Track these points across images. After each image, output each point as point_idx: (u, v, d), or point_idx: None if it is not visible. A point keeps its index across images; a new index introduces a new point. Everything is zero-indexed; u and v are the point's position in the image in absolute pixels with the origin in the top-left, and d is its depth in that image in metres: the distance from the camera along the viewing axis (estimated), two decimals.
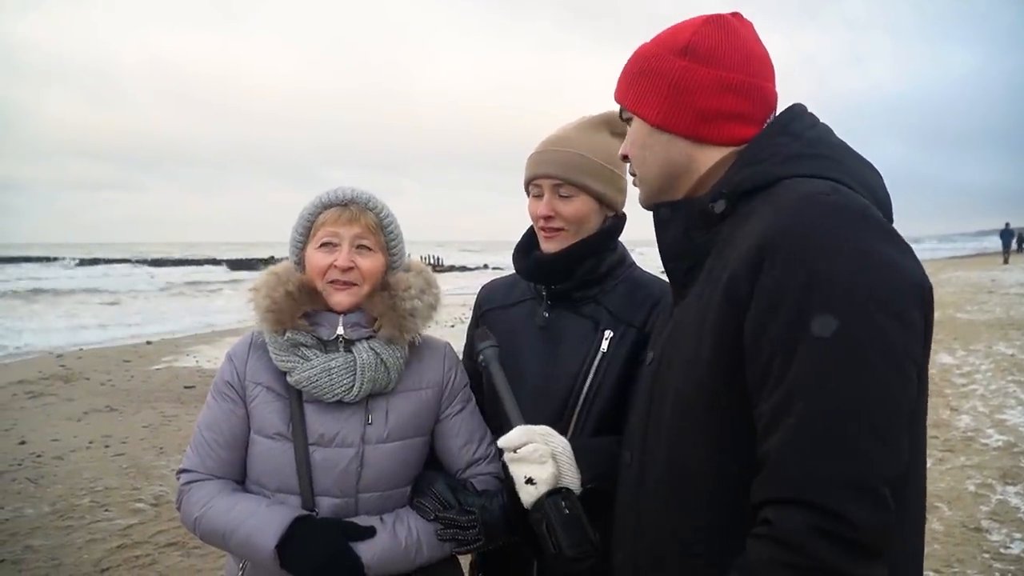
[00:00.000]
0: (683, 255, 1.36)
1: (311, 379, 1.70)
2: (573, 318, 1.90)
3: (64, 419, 8.11)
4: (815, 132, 1.32)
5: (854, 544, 1.00)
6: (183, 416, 8.20)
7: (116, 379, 10.45)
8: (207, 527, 1.70)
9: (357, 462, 1.73)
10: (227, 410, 1.77)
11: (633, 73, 1.40)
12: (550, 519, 1.55)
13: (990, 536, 4.68)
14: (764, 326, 1.10)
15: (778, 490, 1.06)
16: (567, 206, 1.86)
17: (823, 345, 1.05)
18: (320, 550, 1.62)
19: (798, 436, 1.05)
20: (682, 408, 1.25)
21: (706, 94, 1.31)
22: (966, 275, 27.89)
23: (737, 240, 1.21)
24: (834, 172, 1.23)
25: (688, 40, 1.33)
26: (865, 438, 1.02)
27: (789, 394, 1.06)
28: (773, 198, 1.21)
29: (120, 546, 4.76)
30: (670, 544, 1.28)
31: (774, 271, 1.10)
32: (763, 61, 1.36)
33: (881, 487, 1.02)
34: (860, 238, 1.10)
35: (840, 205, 1.14)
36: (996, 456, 6.24)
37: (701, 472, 1.23)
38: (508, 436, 1.63)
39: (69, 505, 5.44)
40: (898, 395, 1.06)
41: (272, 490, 1.73)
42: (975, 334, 12.69)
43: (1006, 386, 8.71)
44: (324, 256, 1.74)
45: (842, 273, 1.06)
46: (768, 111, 1.35)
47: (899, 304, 1.07)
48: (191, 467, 1.77)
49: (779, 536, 1.04)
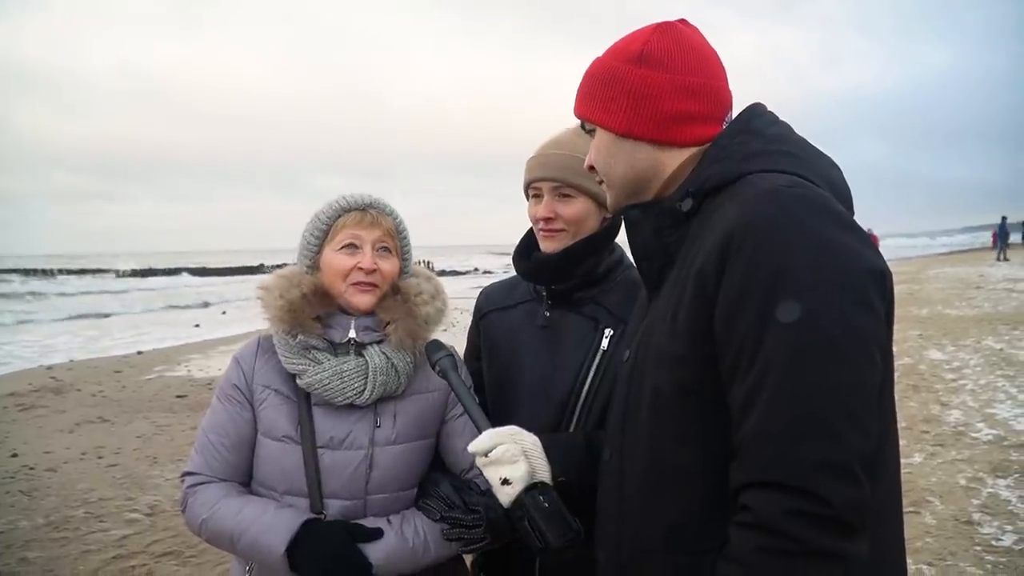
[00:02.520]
0: (655, 254, 1.40)
1: (323, 382, 1.71)
2: (573, 317, 1.94)
3: (56, 431, 8.05)
4: (775, 129, 1.36)
5: (832, 521, 1.04)
6: (176, 426, 8.16)
7: (107, 390, 10.38)
8: (214, 529, 1.69)
9: (366, 464, 1.75)
10: (234, 413, 1.78)
11: (591, 86, 1.44)
12: (531, 514, 1.57)
13: (981, 529, 4.73)
14: (733, 316, 1.14)
15: (754, 474, 1.10)
16: (567, 207, 1.91)
17: (790, 330, 1.08)
18: (329, 552, 1.63)
19: (770, 419, 1.09)
20: (659, 402, 1.28)
21: (666, 98, 1.35)
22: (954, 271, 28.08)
23: (704, 236, 1.25)
24: (795, 167, 1.27)
25: (641, 48, 1.38)
26: (835, 419, 1.06)
27: (759, 380, 1.10)
28: (737, 194, 1.25)
29: (116, 556, 4.74)
30: (654, 538, 1.30)
31: (740, 263, 1.14)
32: (715, 62, 1.40)
33: (854, 465, 1.05)
34: (821, 228, 1.14)
35: (801, 196, 1.18)
36: (986, 450, 6.30)
37: (680, 464, 1.26)
38: (477, 441, 1.64)
39: (63, 517, 5.42)
40: (865, 377, 1.10)
41: (280, 492, 1.74)
42: (964, 329, 12.78)
43: (995, 380, 8.78)
44: (347, 258, 1.76)
45: (806, 261, 1.11)
46: (725, 110, 1.40)
47: (861, 290, 1.12)
48: (196, 470, 1.76)
49: (758, 521, 1.08)
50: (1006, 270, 27.31)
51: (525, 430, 1.69)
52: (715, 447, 1.20)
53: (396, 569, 1.70)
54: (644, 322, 1.42)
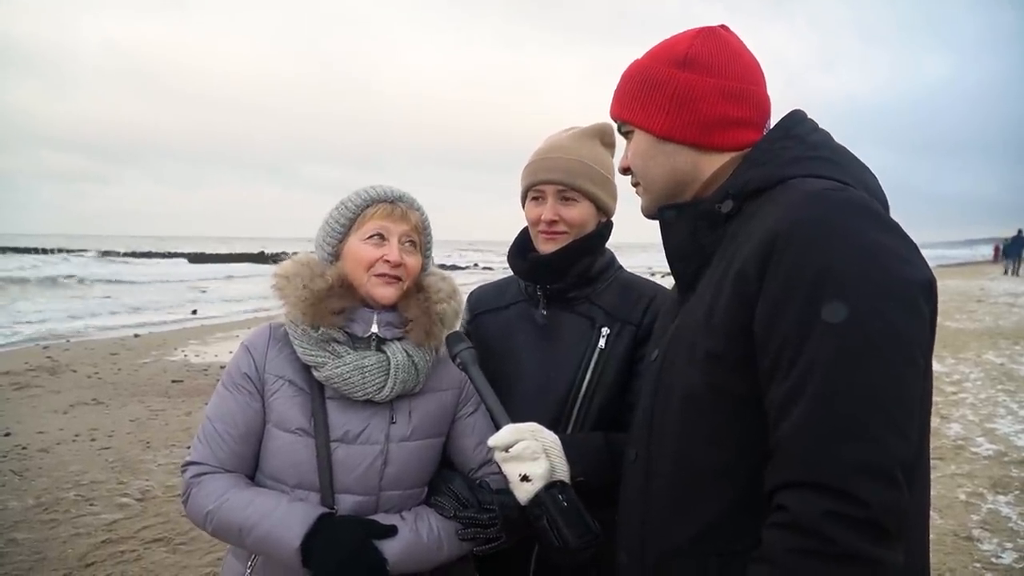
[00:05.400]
0: (691, 255, 1.40)
1: (343, 376, 1.68)
2: (570, 316, 1.97)
3: (50, 411, 8.01)
4: (817, 136, 1.37)
5: (871, 525, 1.02)
6: (170, 410, 8.12)
7: (103, 372, 10.34)
8: (223, 521, 1.63)
9: (382, 459, 1.71)
10: (243, 403, 1.72)
11: (631, 88, 1.45)
12: (550, 513, 1.57)
13: (981, 545, 4.69)
14: (775, 315, 1.12)
15: (792, 474, 1.08)
16: (570, 210, 1.95)
17: (835, 331, 1.07)
18: (345, 547, 1.58)
19: (811, 420, 1.07)
20: (690, 402, 1.28)
21: (708, 103, 1.36)
22: (954, 284, 28.06)
23: (743, 238, 1.24)
24: (837, 173, 1.27)
25: (686, 52, 1.39)
26: (877, 423, 1.04)
27: (801, 380, 1.08)
28: (779, 196, 1.25)
29: (105, 541, 4.69)
30: (680, 539, 1.29)
31: (785, 262, 1.13)
32: (755, 68, 1.42)
33: (895, 470, 1.03)
34: (869, 231, 1.13)
35: (847, 200, 1.17)
36: (986, 465, 6.26)
37: (712, 465, 1.25)
38: (498, 435, 1.66)
39: (54, 499, 5.37)
40: (909, 382, 1.08)
41: (291, 486, 1.69)
42: (964, 343, 12.75)
43: (996, 395, 8.74)
44: (373, 249, 1.72)
45: (853, 264, 1.09)
46: (765, 116, 1.41)
47: (908, 295, 1.10)
48: (201, 459, 1.70)
49: (795, 522, 1.06)
50: (1007, 284, 27.29)
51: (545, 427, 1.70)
52: (747, 447, 1.19)
53: (409, 567, 1.65)
54: (675, 322, 1.42)
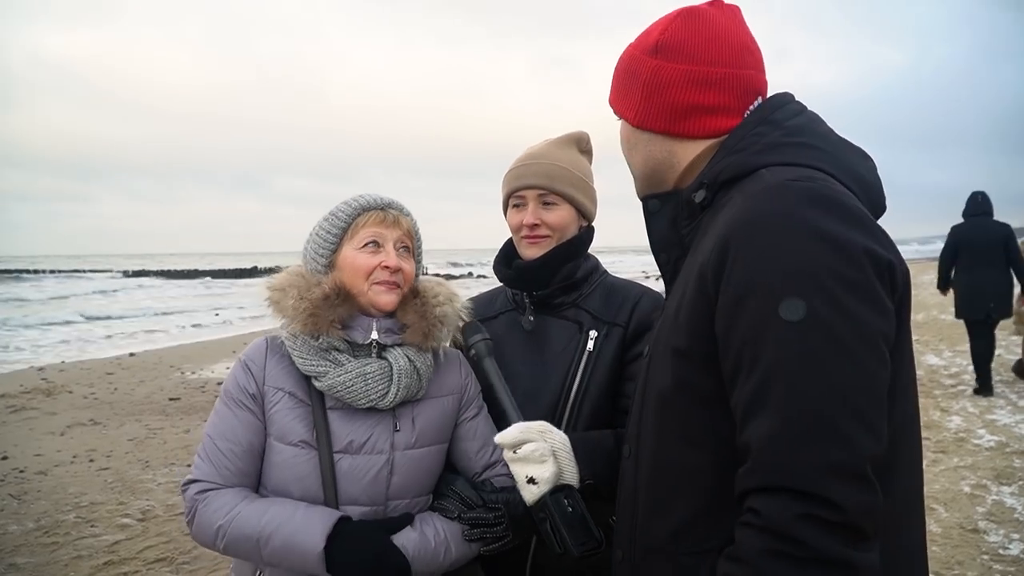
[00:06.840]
0: (670, 246, 1.39)
1: (345, 384, 1.65)
2: (557, 322, 1.99)
3: (47, 433, 7.94)
4: (798, 120, 1.32)
5: (845, 527, 1.00)
6: (168, 429, 8.07)
7: (99, 392, 10.27)
8: (236, 534, 1.59)
9: (388, 469, 1.69)
10: (244, 419, 1.70)
11: (615, 76, 1.44)
12: (554, 518, 1.57)
13: (988, 537, 4.68)
14: (734, 316, 1.11)
15: (762, 479, 1.06)
16: (551, 214, 1.98)
17: (794, 329, 1.05)
18: (368, 550, 1.56)
19: (777, 423, 1.04)
20: (663, 400, 1.26)
21: (677, 90, 1.33)
22: None
23: (711, 230, 1.22)
24: (814, 160, 1.23)
25: (657, 38, 1.36)
26: (844, 420, 1.02)
27: (764, 381, 1.06)
28: (748, 186, 1.22)
29: (107, 562, 4.64)
30: (659, 537, 1.28)
31: (739, 262, 1.11)
32: (741, 49, 1.36)
33: (865, 467, 1.01)
34: (824, 222, 1.09)
35: (805, 190, 1.14)
36: (989, 456, 6.26)
37: (685, 462, 1.23)
38: (505, 433, 1.64)
39: (54, 521, 5.31)
40: (873, 375, 1.06)
41: (295, 499, 1.66)
42: (960, 335, 12.73)
43: (994, 386, 8.72)
44: (370, 256, 1.71)
45: (807, 258, 1.07)
46: (750, 99, 1.35)
47: (866, 285, 1.07)
48: (203, 477, 1.67)
49: (768, 525, 1.03)
50: None
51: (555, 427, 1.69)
52: (719, 446, 1.17)
53: (418, 572, 1.63)
54: (660, 318, 1.40)
